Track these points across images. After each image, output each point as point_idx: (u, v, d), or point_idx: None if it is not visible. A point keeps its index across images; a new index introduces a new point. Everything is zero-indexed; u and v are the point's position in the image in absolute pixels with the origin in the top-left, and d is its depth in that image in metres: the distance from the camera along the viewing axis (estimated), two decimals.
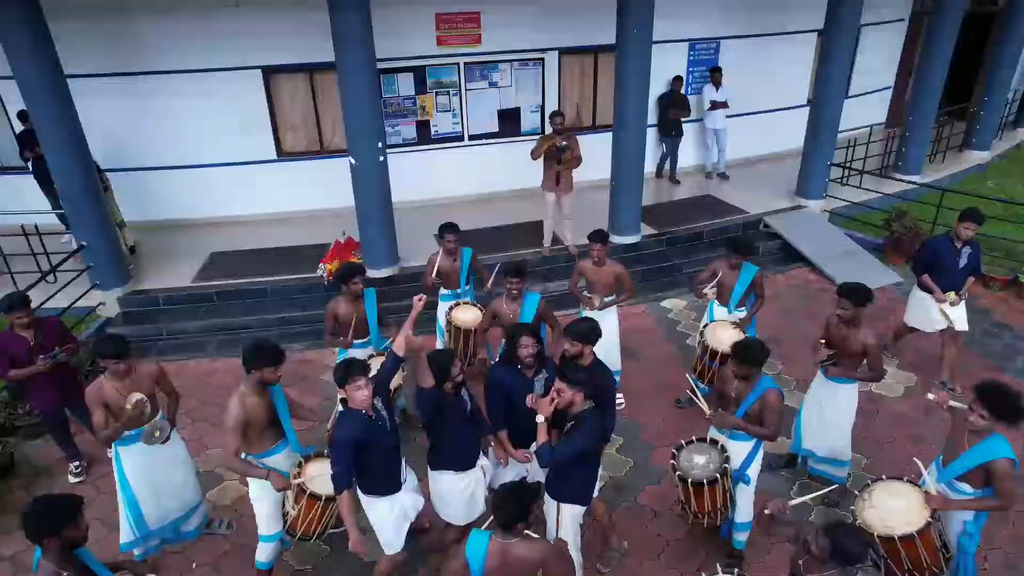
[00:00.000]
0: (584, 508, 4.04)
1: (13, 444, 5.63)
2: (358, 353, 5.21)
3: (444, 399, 3.90)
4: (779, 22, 10.44)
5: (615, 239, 8.23)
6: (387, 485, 3.94)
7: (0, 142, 9.00)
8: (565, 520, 3.95)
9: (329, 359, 6.91)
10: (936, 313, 6.03)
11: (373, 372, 3.98)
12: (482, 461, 4.27)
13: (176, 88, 8.53)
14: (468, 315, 5.75)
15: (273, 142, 9.15)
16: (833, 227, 9.21)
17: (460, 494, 4.16)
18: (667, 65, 9.82)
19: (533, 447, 3.82)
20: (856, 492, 4.06)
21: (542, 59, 9.56)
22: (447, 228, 5.87)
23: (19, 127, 8.45)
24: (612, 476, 5.32)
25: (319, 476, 3.96)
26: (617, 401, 6.15)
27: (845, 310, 4.57)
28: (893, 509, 3.79)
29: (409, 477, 4.14)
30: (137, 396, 4.12)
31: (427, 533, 4.58)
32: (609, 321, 5.78)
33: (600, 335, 4.39)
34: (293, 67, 8.77)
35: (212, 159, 8.97)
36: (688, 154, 10.66)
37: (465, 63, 9.28)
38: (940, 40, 9.67)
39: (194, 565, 4.65)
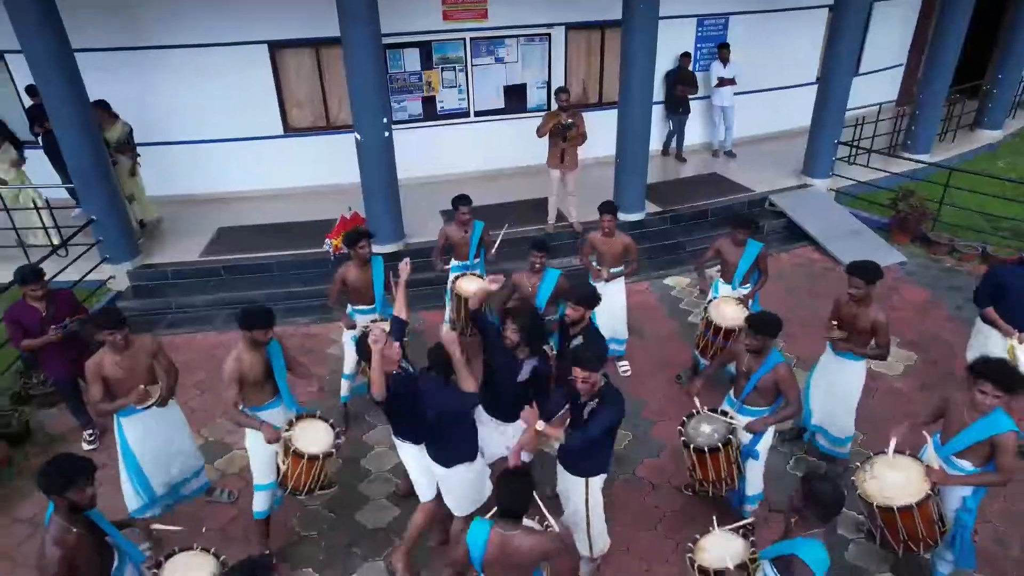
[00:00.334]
0: (606, 475, 4.10)
1: (28, 412, 5.78)
2: (362, 319, 5.33)
3: None
4: None
5: (620, 216, 8.20)
6: (415, 434, 4.13)
7: (10, 117, 9.05)
8: (595, 493, 4.02)
9: (335, 333, 7.03)
10: (1001, 353, 4.94)
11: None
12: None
13: (182, 63, 8.54)
14: (472, 285, 5.82)
15: (279, 117, 9.18)
16: (839, 206, 9.18)
17: (469, 482, 4.19)
18: (675, 41, 9.76)
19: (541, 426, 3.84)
20: (857, 464, 4.13)
21: (548, 35, 9.49)
22: (461, 200, 5.98)
23: (28, 102, 8.54)
24: (620, 452, 5.40)
25: (304, 435, 4.20)
26: (622, 368, 6.30)
27: (857, 288, 4.58)
28: (893, 481, 3.86)
29: None
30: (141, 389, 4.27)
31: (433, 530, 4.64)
32: (617, 292, 5.89)
33: (599, 300, 4.43)
34: (299, 42, 8.76)
35: (218, 134, 9.01)
36: (695, 132, 10.61)
37: (471, 38, 9.23)
38: (953, 17, 9.53)
39: (204, 529, 4.79)
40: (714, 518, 3.66)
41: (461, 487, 4.14)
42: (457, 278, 6.07)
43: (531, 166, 9.00)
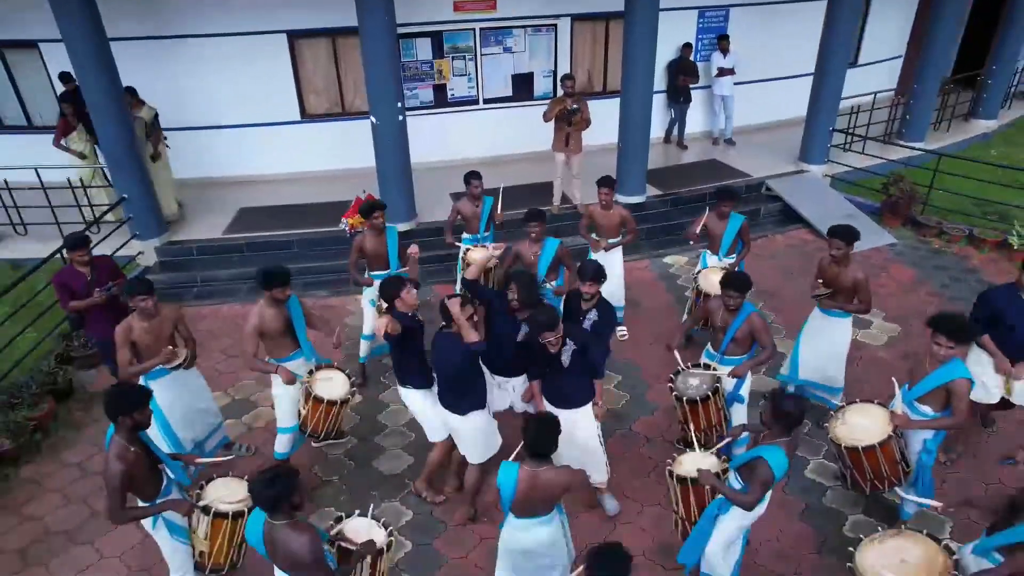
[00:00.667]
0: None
1: (70, 372, 6.25)
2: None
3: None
4: None
5: (621, 199, 8.60)
6: (420, 378, 4.61)
7: (42, 102, 9.54)
8: (592, 416, 4.50)
9: (351, 304, 7.48)
10: (992, 380, 4.82)
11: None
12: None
13: (205, 52, 8.98)
14: (479, 255, 6.23)
15: (297, 104, 9.61)
16: (833, 191, 9.54)
17: (481, 429, 4.57)
18: (677, 32, 10.10)
19: None
20: (832, 413, 4.54)
21: (555, 25, 9.88)
22: (473, 175, 6.41)
23: (60, 88, 8.98)
24: (610, 408, 5.82)
25: (323, 383, 4.69)
26: (620, 332, 6.71)
27: (838, 250, 5.01)
28: (861, 425, 4.28)
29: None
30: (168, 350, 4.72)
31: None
32: (615, 261, 6.32)
33: (605, 277, 4.83)
34: (317, 31, 9.18)
35: (239, 120, 9.44)
36: (696, 120, 10.97)
37: (481, 28, 9.63)
38: (946, 10, 9.84)
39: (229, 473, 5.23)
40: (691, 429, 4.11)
41: (475, 434, 4.54)
42: (468, 251, 6.49)
43: (537, 152, 9.39)
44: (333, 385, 4.78)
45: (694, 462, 4.00)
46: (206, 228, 8.45)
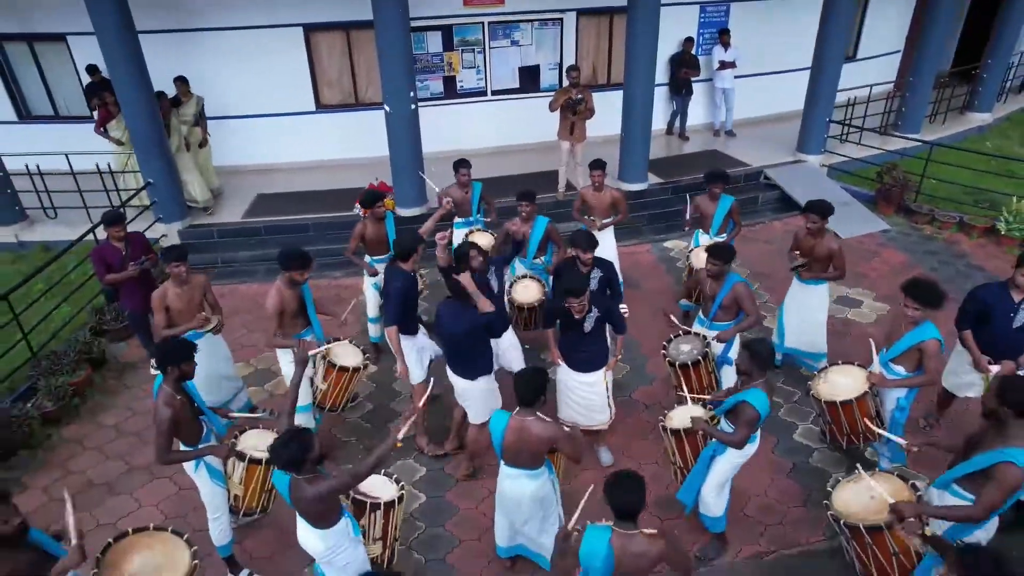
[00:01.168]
0: None
1: (104, 343, 6.65)
2: (380, 267, 6.08)
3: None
4: None
5: (624, 186, 9.00)
6: (411, 326, 5.04)
7: (69, 93, 9.94)
8: (609, 379, 4.90)
9: (362, 286, 7.83)
10: (970, 376, 4.93)
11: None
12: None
13: (225, 44, 9.36)
14: (483, 240, 6.59)
15: (312, 95, 9.99)
16: (829, 180, 9.85)
17: (488, 392, 4.88)
18: (679, 27, 10.43)
19: None
20: (815, 374, 4.90)
21: (560, 19, 10.23)
22: (461, 163, 6.70)
23: (86, 80, 9.37)
24: (614, 378, 6.16)
25: (338, 354, 5.06)
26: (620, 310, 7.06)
27: (814, 223, 5.36)
28: (841, 383, 4.65)
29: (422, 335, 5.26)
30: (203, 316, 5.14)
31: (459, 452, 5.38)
32: (608, 240, 6.66)
33: (597, 244, 5.18)
34: (332, 25, 9.55)
35: (257, 110, 9.82)
36: (697, 112, 11.29)
37: (489, 23, 10.00)
38: (941, 5, 10.13)
39: (260, 425, 5.61)
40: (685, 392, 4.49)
41: (481, 397, 4.88)
42: (468, 233, 6.80)
43: (543, 142, 9.74)
44: (348, 355, 5.17)
45: (684, 415, 4.37)
46: (226, 212, 8.85)
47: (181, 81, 8.52)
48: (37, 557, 3.18)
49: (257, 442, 4.30)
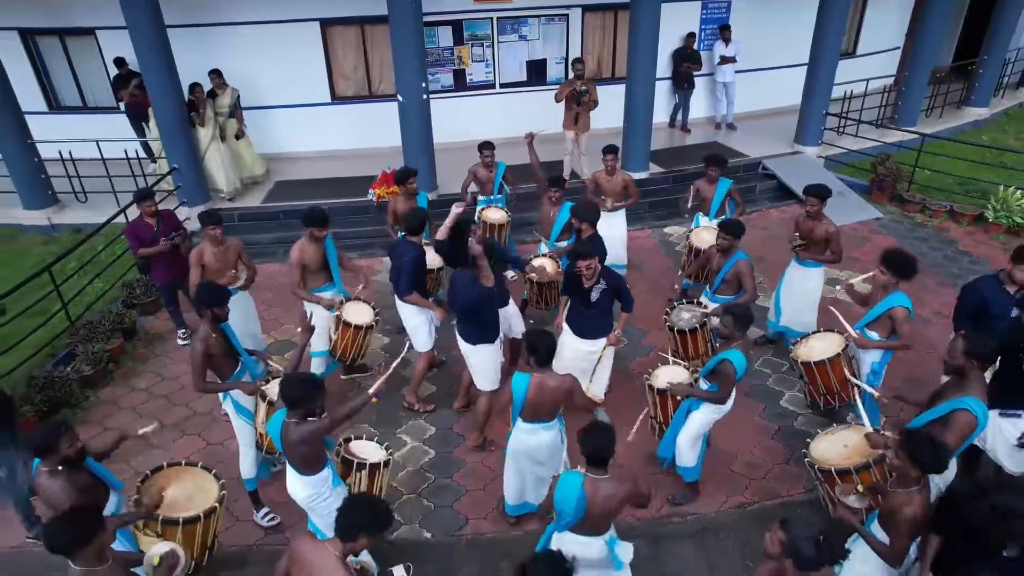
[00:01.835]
0: None
1: (134, 316, 7.09)
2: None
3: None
4: None
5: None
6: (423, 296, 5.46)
7: (96, 85, 10.42)
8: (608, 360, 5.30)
9: (377, 265, 8.29)
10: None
11: None
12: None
13: (246, 38, 9.80)
14: (496, 215, 6.99)
15: (328, 87, 10.42)
16: (825, 171, 10.18)
17: (489, 359, 5.24)
18: (681, 22, 10.79)
19: None
20: (796, 341, 5.27)
21: (567, 15, 10.63)
22: (485, 145, 7.17)
23: (114, 72, 9.84)
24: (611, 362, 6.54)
25: (351, 312, 5.55)
26: None
27: (812, 206, 5.72)
28: (818, 347, 5.02)
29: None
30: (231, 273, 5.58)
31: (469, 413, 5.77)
32: (618, 223, 7.06)
33: (599, 216, 5.57)
34: (347, 20, 9.99)
35: (275, 101, 10.26)
36: (699, 106, 11.64)
37: (498, 18, 10.41)
38: (936, 2, 10.44)
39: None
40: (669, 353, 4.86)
41: (482, 364, 5.24)
42: (483, 210, 7.25)
43: (550, 134, 10.08)
44: (360, 313, 5.64)
45: (668, 375, 4.75)
46: (247, 198, 9.30)
47: (216, 74, 8.94)
48: (92, 480, 3.63)
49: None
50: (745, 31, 11.11)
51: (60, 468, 3.43)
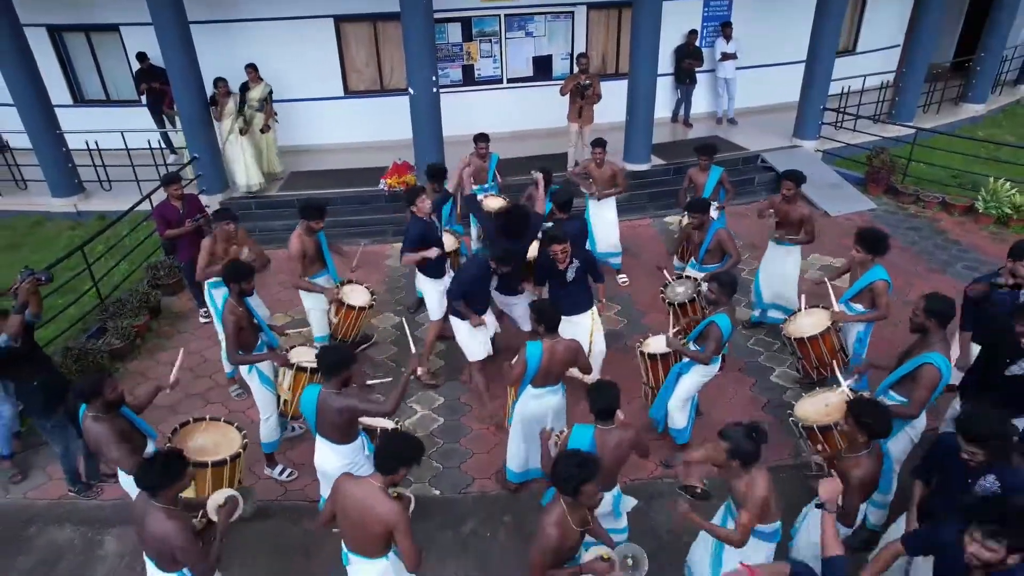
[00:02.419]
0: None
1: (159, 295, 7.49)
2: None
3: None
4: None
5: (628, 166, 9.69)
6: (435, 270, 5.83)
7: (119, 79, 10.84)
8: (596, 318, 5.61)
9: (388, 250, 8.66)
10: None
11: None
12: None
13: (263, 34, 10.19)
14: (495, 203, 7.35)
15: (341, 81, 10.80)
16: (823, 164, 10.48)
17: (471, 336, 5.56)
18: (683, 20, 11.11)
19: None
20: (787, 319, 5.60)
21: (572, 13, 10.97)
22: (480, 137, 7.50)
23: (136, 67, 10.25)
24: (611, 329, 6.89)
25: (350, 294, 5.93)
26: (621, 280, 7.78)
27: (788, 190, 6.04)
28: (807, 323, 5.35)
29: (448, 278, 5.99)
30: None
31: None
32: (609, 210, 7.39)
33: (570, 203, 6.06)
34: (360, 16, 10.36)
35: (290, 95, 10.62)
36: (701, 101, 11.95)
37: (505, 15, 10.76)
38: (931, 2, 10.72)
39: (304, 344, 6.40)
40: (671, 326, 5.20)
41: (464, 337, 5.57)
42: (483, 198, 7.56)
43: (555, 127, 10.46)
44: (358, 295, 6.04)
45: (658, 343, 5.10)
46: (263, 187, 9.68)
47: (252, 68, 9.25)
48: (130, 427, 4.02)
49: (304, 356, 5.07)
50: (746, 28, 11.42)
51: (103, 415, 3.82)
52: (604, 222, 7.41)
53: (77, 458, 5.13)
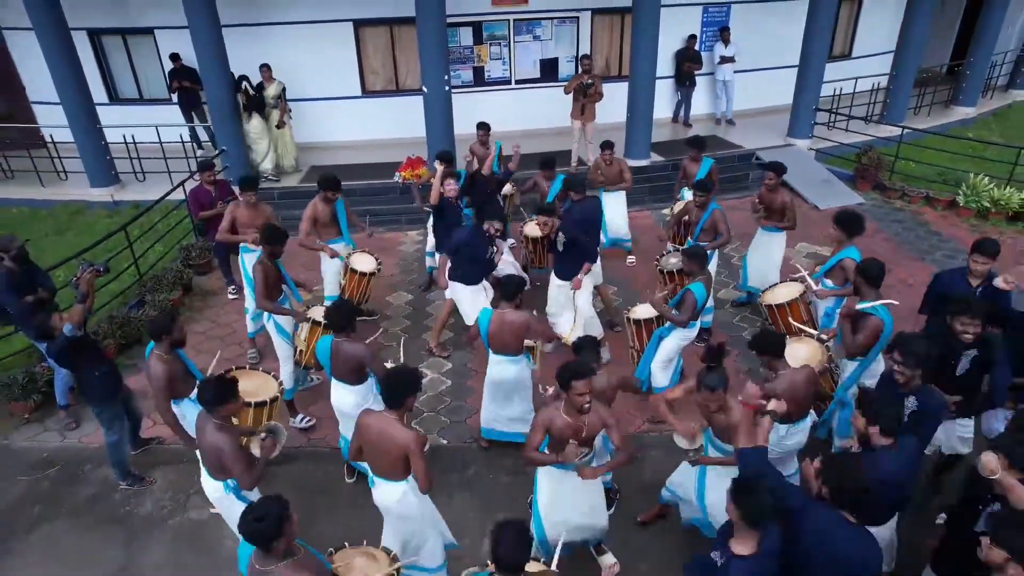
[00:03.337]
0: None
1: (191, 274, 8.13)
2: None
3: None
4: None
5: (629, 162, 10.18)
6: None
7: (152, 78, 11.56)
8: (582, 284, 6.11)
9: (402, 238, 9.28)
10: None
11: None
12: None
13: (287, 36, 10.87)
14: (503, 188, 7.92)
15: (359, 81, 11.46)
16: (815, 161, 11.00)
17: (468, 302, 6.18)
18: (683, 25, 11.71)
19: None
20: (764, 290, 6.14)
21: (577, 18, 11.59)
22: (481, 125, 8.11)
23: (168, 67, 10.93)
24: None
25: (357, 260, 6.61)
26: (629, 260, 8.38)
27: (771, 180, 6.58)
28: (780, 293, 5.90)
29: None
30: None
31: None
32: (619, 202, 8.12)
33: (584, 187, 6.64)
34: (378, 20, 11.03)
35: (311, 94, 11.30)
36: (700, 102, 12.52)
37: (514, 20, 11.42)
38: (919, 7, 11.26)
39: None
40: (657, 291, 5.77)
41: (461, 301, 6.23)
42: None
43: (560, 126, 11.04)
44: (365, 262, 6.70)
45: (643, 310, 5.68)
46: (285, 179, 10.36)
47: (265, 67, 9.95)
48: (184, 369, 4.63)
49: (320, 313, 5.66)
50: (743, 33, 11.99)
51: (166, 355, 4.43)
52: (615, 213, 8.09)
53: (128, 451, 5.35)
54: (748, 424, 3.58)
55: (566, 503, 4.09)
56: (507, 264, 6.82)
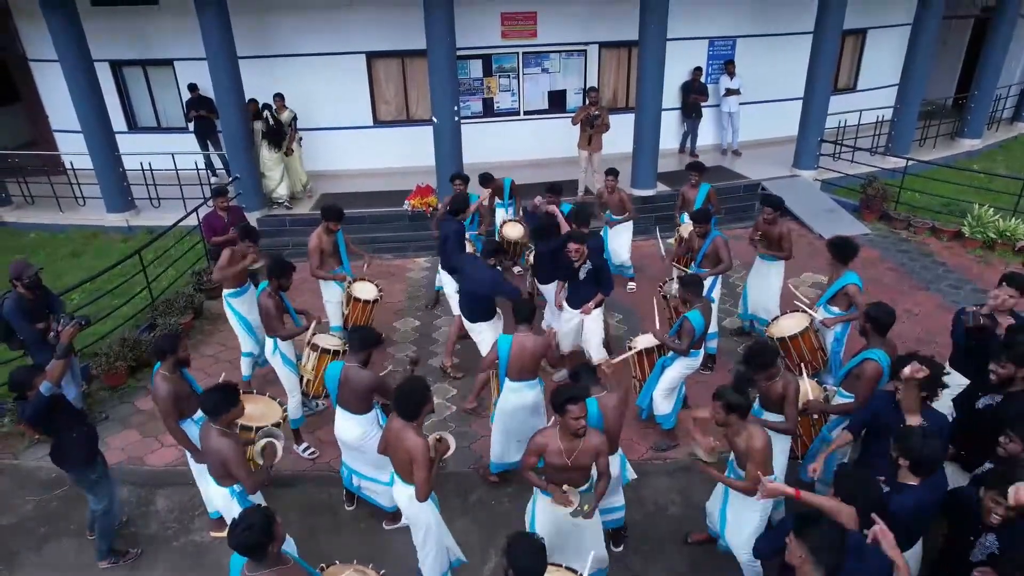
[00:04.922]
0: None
1: (202, 298, 8.26)
2: None
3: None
4: (786, 24, 12.40)
5: (635, 192, 10.39)
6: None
7: (169, 107, 11.88)
8: (597, 314, 6.21)
9: (409, 265, 9.39)
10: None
11: None
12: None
13: (302, 68, 11.18)
14: (515, 231, 8.09)
15: (370, 111, 11.73)
16: (821, 192, 11.09)
17: (487, 339, 6.20)
18: (690, 58, 11.94)
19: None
20: (771, 320, 6.18)
21: (585, 51, 11.84)
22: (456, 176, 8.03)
23: (186, 96, 11.25)
24: (616, 336, 7.48)
25: (359, 289, 6.75)
26: (630, 287, 8.48)
27: (768, 214, 6.67)
28: (787, 324, 5.92)
29: None
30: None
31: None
32: (623, 230, 8.28)
33: (589, 220, 6.75)
34: (389, 53, 11.32)
35: (324, 123, 11.57)
36: (707, 134, 12.68)
37: (523, 52, 11.67)
38: (923, 40, 11.44)
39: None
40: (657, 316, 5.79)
41: (480, 340, 6.28)
42: (502, 225, 8.35)
43: (568, 156, 11.22)
44: (366, 291, 6.84)
45: (645, 340, 5.71)
46: (297, 206, 10.55)
47: (279, 97, 10.25)
48: (189, 389, 4.72)
49: (325, 340, 5.74)
50: (749, 66, 12.19)
51: (170, 373, 4.52)
52: (619, 242, 8.29)
53: (118, 521, 5.01)
54: (763, 458, 3.65)
55: (562, 533, 4.10)
56: None
